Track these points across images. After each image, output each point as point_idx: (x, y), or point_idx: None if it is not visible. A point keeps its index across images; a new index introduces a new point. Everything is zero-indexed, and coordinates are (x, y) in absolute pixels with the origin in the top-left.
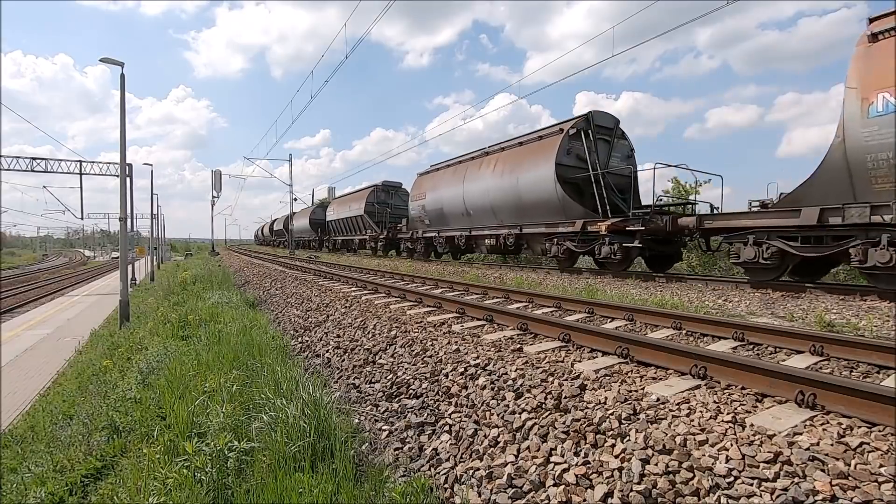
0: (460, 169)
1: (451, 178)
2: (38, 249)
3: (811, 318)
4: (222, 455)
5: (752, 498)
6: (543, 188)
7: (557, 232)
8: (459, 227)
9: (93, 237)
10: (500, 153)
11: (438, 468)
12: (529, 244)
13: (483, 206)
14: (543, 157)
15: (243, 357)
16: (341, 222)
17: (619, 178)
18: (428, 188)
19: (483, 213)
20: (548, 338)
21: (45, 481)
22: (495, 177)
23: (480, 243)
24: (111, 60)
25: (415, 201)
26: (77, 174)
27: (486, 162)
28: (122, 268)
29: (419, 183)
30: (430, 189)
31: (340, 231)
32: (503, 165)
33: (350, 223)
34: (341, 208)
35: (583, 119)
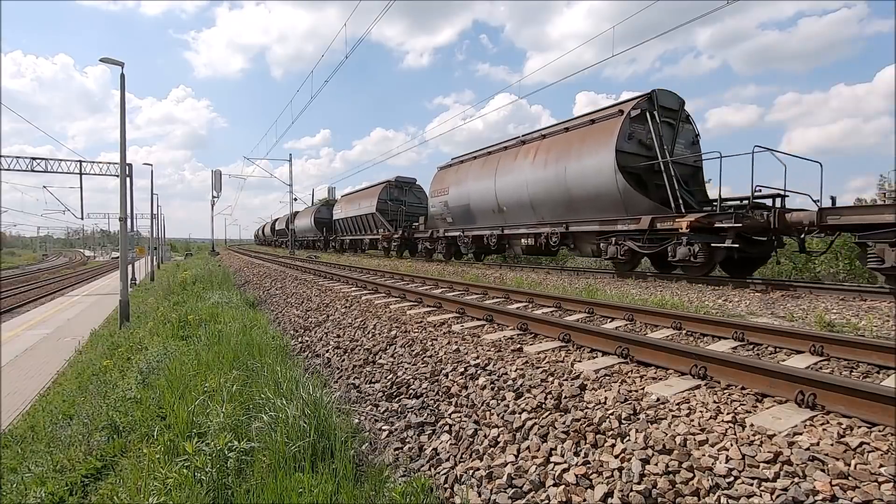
0: (491, 160)
1: (479, 171)
2: (38, 249)
3: (811, 318)
4: (222, 455)
5: (752, 498)
6: (599, 179)
7: (616, 230)
8: (489, 225)
9: (93, 237)
10: (541, 141)
11: (438, 468)
12: (577, 244)
13: (519, 202)
14: (599, 144)
15: (243, 357)
16: (349, 221)
17: (684, 167)
18: (451, 183)
19: (519, 209)
20: (548, 338)
21: (45, 481)
22: (536, 168)
23: (515, 243)
24: (111, 60)
25: (435, 197)
26: (77, 174)
27: (523, 152)
28: (122, 268)
29: (440, 177)
30: (454, 184)
31: (348, 230)
32: (546, 154)
33: (359, 222)
34: (350, 206)
35: (645, 99)
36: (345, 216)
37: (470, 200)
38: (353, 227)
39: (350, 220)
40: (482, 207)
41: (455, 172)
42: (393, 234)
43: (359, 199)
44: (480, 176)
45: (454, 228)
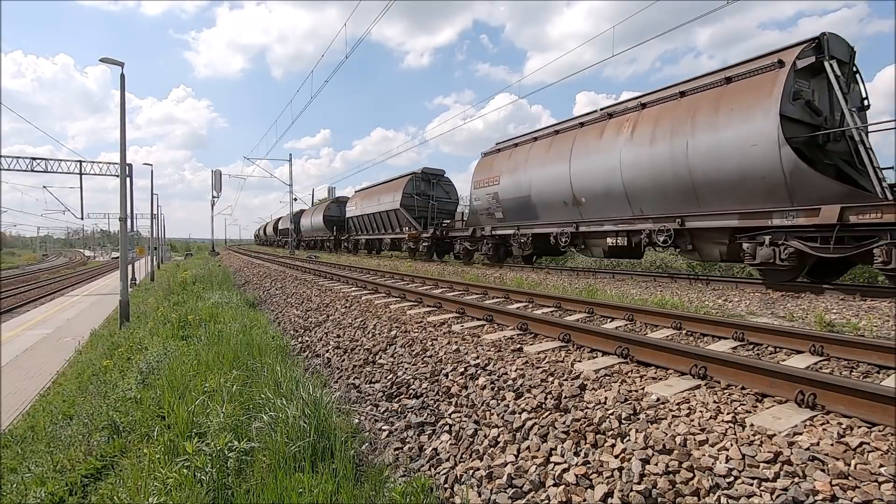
0: (563, 141)
1: (544, 154)
2: (38, 249)
3: (811, 318)
4: (222, 455)
5: (752, 498)
6: (747, 157)
7: (771, 226)
8: (558, 220)
9: (93, 237)
10: (640, 112)
11: (438, 468)
12: (697, 244)
13: (606, 191)
14: (748, 108)
15: (243, 357)
16: (367, 219)
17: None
18: (503, 170)
19: (605, 199)
20: (548, 338)
21: (45, 481)
22: (635, 146)
23: (595, 243)
24: (111, 60)
25: (480, 189)
26: (77, 174)
27: (612, 127)
28: (122, 268)
29: (487, 165)
30: (508, 171)
31: (365, 229)
32: (651, 128)
33: (378, 220)
34: (367, 202)
35: (811, 46)
36: (360, 213)
37: (531, 191)
38: (370, 225)
39: (367, 218)
40: (548, 199)
41: (508, 158)
42: (421, 234)
43: (378, 194)
44: (547, 160)
45: (505, 225)
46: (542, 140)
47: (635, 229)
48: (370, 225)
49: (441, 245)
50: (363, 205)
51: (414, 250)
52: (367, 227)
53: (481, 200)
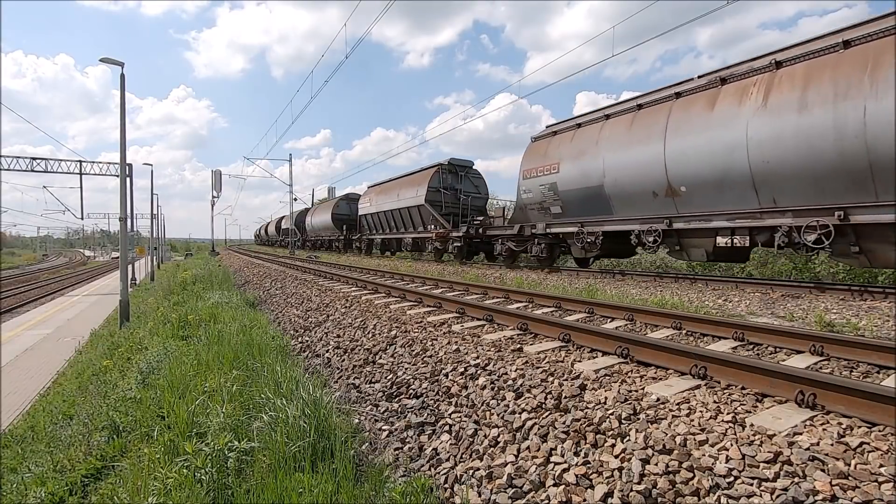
0: (650, 116)
1: (624, 133)
2: (38, 249)
3: (811, 318)
4: (222, 455)
5: (752, 498)
6: None
7: None
8: (643, 215)
9: (93, 237)
10: (775, 72)
11: (438, 468)
12: (866, 245)
13: (721, 176)
14: None
15: (243, 357)
16: (384, 217)
17: None
18: (564, 156)
19: (717, 187)
20: (548, 338)
21: (45, 481)
22: (770, 115)
23: (697, 243)
24: (111, 60)
25: (532, 179)
26: (77, 174)
27: (728, 94)
28: (122, 268)
29: (539, 151)
30: (570, 157)
31: (381, 228)
32: (798, 92)
33: (398, 217)
34: (383, 198)
35: None
36: (376, 210)
37: (604, 180)
38: (387, 223)
39: (384, 216)
40: (629, 189)
41: (570, 141)
42: (450, 232)
43: (398, 189)
44: (629, 141)
45: (565, 222)
46: (618, 117)
47: (763, 226)
48: (387, 223)
49: (473, 245)
50: (379, 201)
51: (441, 251)
52: (384, 225)
53: (532, 193)
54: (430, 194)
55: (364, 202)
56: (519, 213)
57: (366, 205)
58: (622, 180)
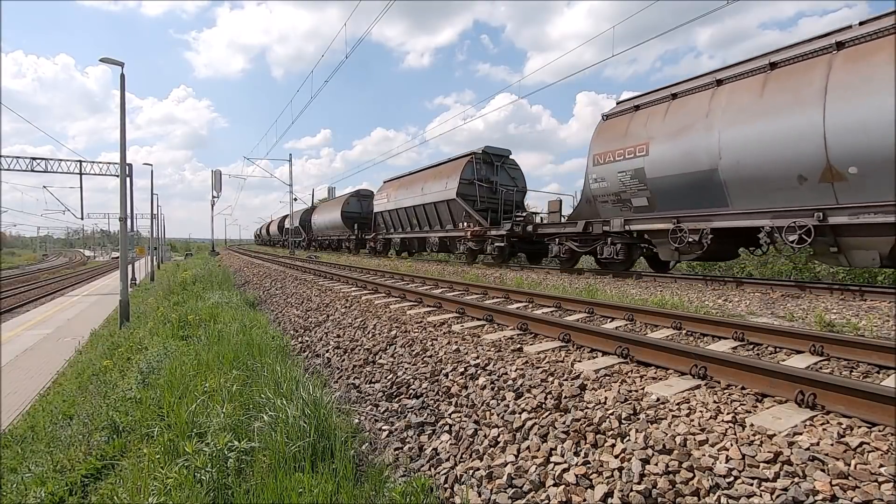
0: (794, 77)
1: (750, 100)
2: (38, 249)
3: (811, 318)
4: (222, 455)
5: (752, 498)
6: None
7: None
8: (777, 206)
9: (93, 237)
10: None
11: (438, 468)
12: None
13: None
14: None
15: (243, 357)
16: (403, 214)
17: None
18: (656, 134)
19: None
20: (548, 338)
21: (45, 481)
22: None
23: (865, 243)
24: (111, 60)
25: (606, 165)
26: (77, 174)
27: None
28: (122, 268)
29: (618, 129)
30: (666, 135)
31: (401, 226)
32: None
33: (423, 214)
34: (404, 193)
35: None
36: (395, 207)
37: (720, 161)
38: (409, 221)
39: (405, 213)
40: (762, 172)
41: (663, 116)
42: (488, 231)
43: (422, 182)
44: (761, 109)
45: (654, 217)
46: (738, 82)
47: None
48: (409, 221)
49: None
50: (399, 196)
51: (475, 252)
52: (405, 223)
53: (607, 182)
54: (463, 187)
55: (380, 198)
56: (585, 207)
57: (382, 201)
58: (748, 161)
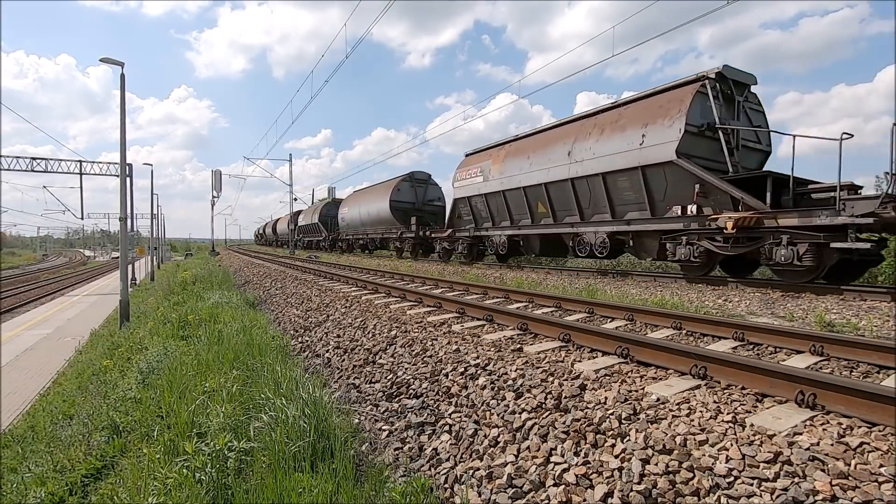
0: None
1: None
2: (38, 249)
3: (811, 318)
4: (222, 455)
5: (753, 498)
6: None
7: None
8: None
9: (93, 237)
10: None
11: (438, 468)
12: None
13: None
14: None
15: (243, 357)
16: (520, 196)
17: None
18: None
19: None
20: (548, 338)
21: (46, 481)
22: None
23: None
24: (111, 60)
25: None
26: (77, 174)
27: None
28: (122, 268)
29: None
30: None
31: (512, 215)
32: None
33: (568, 195)
34: (521, 164)
35: None
36: (503, 188)
37: None
38: (531, 206)
39: (522, 195)
40: None
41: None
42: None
43: (570, 140)
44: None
45: None
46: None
47: None
48: (530, 207)
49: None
50: (510, 170)
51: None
52: (519, 211)
53: None
54: (691, 141)
55: (467, 178)
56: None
57: (471, 181)
58: None
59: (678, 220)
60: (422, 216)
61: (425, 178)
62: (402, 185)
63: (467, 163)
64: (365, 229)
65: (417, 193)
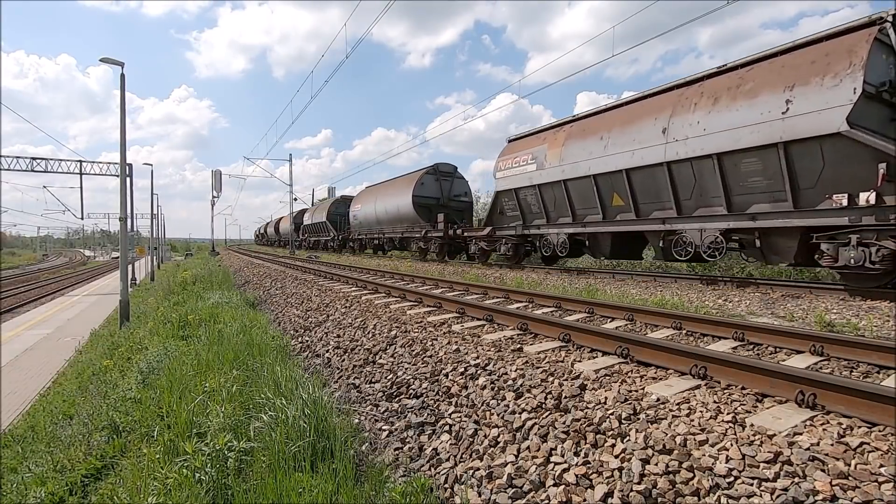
0: None
1: None
2: (38, 249)
3: (811, 318)
4: (222, 455)
5: (753, 498)
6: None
7: None
8: None
9: (93, 237)
10: None
11: (438, 468)
12: None
13: None
14: None
15: (243, 357)
16: (606, 184)
17: None
18: None
19: None
20: (548, 338)
21: (46, 481)
22: None
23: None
24: (111, 60)
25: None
26: (77, 174)
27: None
28: (122, 268)
29: None
30: None
31: (586, 206)
32: None
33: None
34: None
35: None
36: (577, 174)
37: None
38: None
39: (623, 181)
40: None
41: None
42: None
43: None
44: None
45: None
46: None
47: None
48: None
49: None
50: (593, 148)
51: None
52: (602, 200)
53: None
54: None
55: (520, 164)
56: None
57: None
58: None
59: (842, 213)
60: (447, 213)
61: (451, 171)
62: (425, 178)
63: (513, 149)
64: (381, 228)
65: (443, 188)
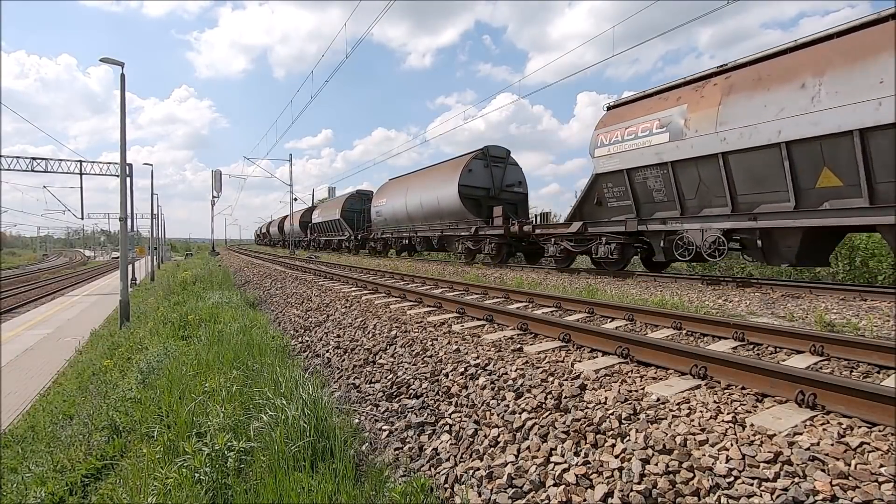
0: None
1: None
2: (38, 249)
3: (811, 318)
4: (222, 455)
5: (753, 498)
6: None
7: None
8: None
9: (93, 237)
10: None
11: (438, 468)
12: None
13: None
14: None
15: (243, 357)
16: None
17: None
18: None
19: None
20: (548, 338)
21: (46, 481)
22: None
23: None
24: (111, 60)
25: None
26: (77, 174)
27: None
28: (122, 268)
29: None
30: None
31: (728, 194)
32: None
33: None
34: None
35: None
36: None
37: None
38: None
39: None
40: None
41: None
42: None
43: None
44: None
45: None
46: None
47: None
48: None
49: None
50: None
51: None
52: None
53: None
54: None
55: (644, 129)
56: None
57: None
58: None
59: None
60: (501, 207)
61: (503, 156)
62: (473, 164)
63: (621, 116)
64: (413, 226)
65: (494, 175)
